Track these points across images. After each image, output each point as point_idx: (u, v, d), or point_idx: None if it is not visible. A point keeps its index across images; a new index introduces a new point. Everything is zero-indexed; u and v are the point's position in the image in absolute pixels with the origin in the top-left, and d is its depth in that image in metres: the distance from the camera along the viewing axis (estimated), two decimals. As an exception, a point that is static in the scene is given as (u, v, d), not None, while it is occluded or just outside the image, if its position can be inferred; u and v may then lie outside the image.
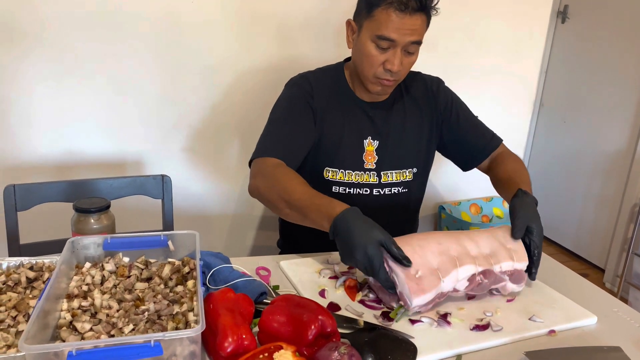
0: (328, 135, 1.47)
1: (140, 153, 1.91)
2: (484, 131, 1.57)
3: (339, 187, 1.49)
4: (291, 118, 1.43)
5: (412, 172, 1.53)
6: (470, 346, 1.01)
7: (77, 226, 1.17)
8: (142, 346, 0.78)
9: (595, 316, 1.12)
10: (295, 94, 1.46)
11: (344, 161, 1.47)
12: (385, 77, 1.36)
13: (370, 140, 1.48)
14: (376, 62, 1.34)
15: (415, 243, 1.11)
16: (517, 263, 1.15)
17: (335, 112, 1.47)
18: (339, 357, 0.86)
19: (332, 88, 1.48)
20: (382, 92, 1.43)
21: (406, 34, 1.29)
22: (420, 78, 1.56)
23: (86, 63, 1.78)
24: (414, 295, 1.04)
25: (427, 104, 1.53)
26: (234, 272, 1.14)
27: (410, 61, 1.37)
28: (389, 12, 1.28)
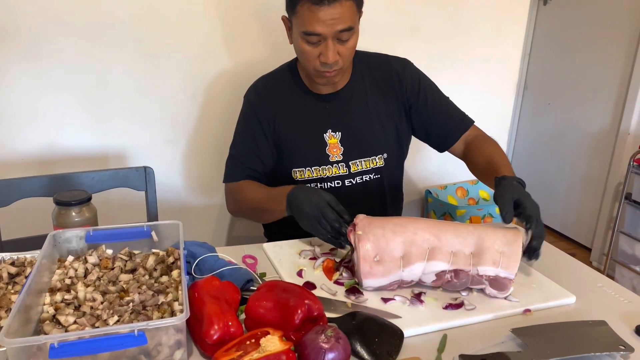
0: (286, 137, 1.47)
1: (123, 146, 1.89)
2: (453, 112, 1.54)
3: (309, 185, 1.48)
4: (247, 140, 1.49)
5: (383, 157, 1.51)
6: (440, 324, 1.01)
7: (59, 220, 1.15)
8: (126, 336, 0.78)
9: (574, 296, 1.12)
10: (246, 113, 1.51)
11: (307, 159, 1.47)
12: (325, 70, 1.34)
13: (332, 133, 1.47)
14: (311, 57, 1.33)
15: (389, 227, 1.12)
16: (501, 270, 1.09)
17: (289, 114, 1.47)
18: (326, 340, 0.86)
19: (283, 90, 1.47)
20: (328, 82, 1.41)
21: (330, 24, 1.26)
22: (385, 61, 1.53)
23: (65, 57, 1.75)
24: (364, 277, 1.10)
25: (392, 87, 1.50)
26: (220, 260, 1.14)
27: (348, 47, 1.33)
28: (308, 7, 1.25)
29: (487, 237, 1.12)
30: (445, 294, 1.12)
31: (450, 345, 0.96)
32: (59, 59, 1.74)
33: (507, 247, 1.11)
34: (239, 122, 1.53)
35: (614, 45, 2.84)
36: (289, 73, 1.50)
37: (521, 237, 1.13)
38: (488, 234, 1.12)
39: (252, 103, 1.49)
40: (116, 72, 1.82)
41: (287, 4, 1.33)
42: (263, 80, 1.53)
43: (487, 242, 1.11)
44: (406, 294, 1.11)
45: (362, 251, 1.10)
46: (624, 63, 2.79)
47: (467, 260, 1.10)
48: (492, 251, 1.10)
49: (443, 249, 1.11)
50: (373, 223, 1.13)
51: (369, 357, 0.91)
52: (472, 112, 1.54)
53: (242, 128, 1.51)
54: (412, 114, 1.52)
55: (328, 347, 0.86)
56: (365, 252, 1.10)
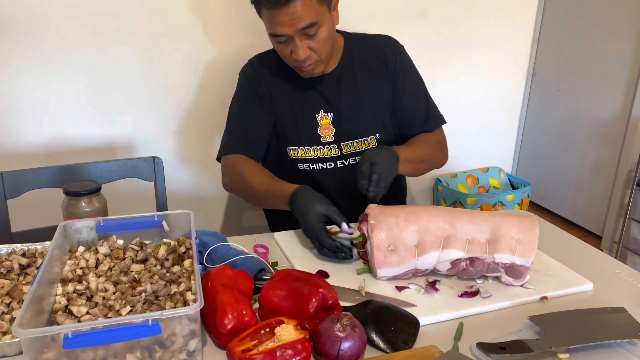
0: (282, 115, 1.47)
1: (131, 137, 1.88)
2: (422, 111, 1.52)
3: (303, 165, 1.49)
4: (244, 111, 1.47)
5: (375, 138, 1.49)
6: (456, 312, 1.00)
7: (69, 210, 1.14)
8: (140, 326, 0.77)
9: (591, 283, 1.11)
10: (243, 86, 1.49)
11: (301, 138, 1.47)
12: (301, 65, 1.34)
13: (323, 114, 1.46)
14: (285, 54, 1.34)
15: (402, 216, 1.10)
16: (517, 257, 1.07)
17: (285, 92, 1.46)
18: (341, 329, 0.85)
19: (279, 68, 1.45)
20: (310, 74, 1.40)
21: (291, 24, 1.25)
22: (374, 42, 1.51)
23: (70, 49, 1.73)
24: (378, 267, 1.08)
25: (381, 68, 1.49)
26: (232, 250, 1.12)
27: (318, 41, 1.31)
28: (266, 12, 1.26)
29: (502, 224, 1.10)
30: (460, 282, 1.10)
31: (466, 334, 0.95)
32: (64, 50, 1.73)
33: (523, 234, 1.09)
34: (234, 98, 1.52)
35: (624, 30, 2.80)
36: None
37: (537, 225, 1.11)
38: (503, 221, 1.10)
39: (249, 77, 1.48)
40: (122, 61, 1.80)
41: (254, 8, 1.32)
42: (258, 57, 1.53)
43: (502, 229, 1.09)
44: (421, 282, 1.10)
45: (376, 240, 1.08)
46: (634, 48, 2.75)
47: (482, 247, 1.08)
48: (508, 238, 1.08)
49: (458, 236, 1.09)
50: (385, 212, 1.11)
51: (384, 345, 0.90)
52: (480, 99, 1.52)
53: (239, 102, 1.50)
54: (394, 96, 1.51)
55: (344, 336, 0.84)
56: (379, 241, 1.08)
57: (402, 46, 1.53)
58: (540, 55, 3.37)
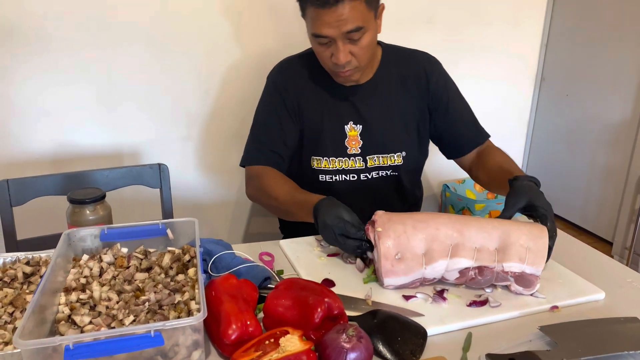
0: (309, 123, 1.44)
1: (137, 144, 1.88)
2: (471, 124, 1.51)
3: (325, 176, 1.46)
4: (271, 121, 1.44)
5: (402, 155, 1.46)
6: (464, 322, 0.98)
7: (73, 218, 1.13)
8: (142, 337, 0.75)
9: (603, 292, 1.08)
10: (271, 93, 1.46)
11: (326, 148, 1.44)
12: (339, 70, 1.31)
13: (353, 125, 1.43)
14: (324, 57, 1.31)
15: (410, 223, 1.08)
16: (527, 266, 1.04)
17: (313, 100, 1.43)
18: (348, 340, 0.83)
19: (309, 75, 1.43)
20: (346, 81, 1.38)
21: (337, 26, 1.22)
22: (413, 57, 1.49)
23: (78, 55, 1.74)
24: (385, 275, 1.06)
25: (418, 85, 1.46)
26: (237, 258, 1.11)
27: (361, 47, 1.28)
28: (313, 10, 1.22)
29: (512, 232, 1.07)
30: (469, 291, 1.08)
31: (475, 344, 0.93)
32: (71, 57, 1.73)
33: (533, 242, 1.07)
34: (261, 103, 1.48)
35: (634, 34, 2.77)
36: (315, 58, 1.42)
37: (547, 233, 1.09)
38: (513, 229, 1.08)
39: (277, 83, 1.45)
40: (128, 69, 1.80)
41: (299, 6, 1.29)
42: (289, 62, 1.49)
43: (512, 238, 1.07)
44: (428, 291, 1.08)
45: (383, 249, 1.06)
46: (645, 52, 2.72)
47: (491, 256, 1.06)
48: (518, 246, 1.06)
49: (466, 244, 1.07)
50: (393, 219, 1.10)
51: (391, 356, 0.88)
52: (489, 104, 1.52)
53: (266, 109, 1.46)
54: (432, 116, 1.49)
55: (350, 346, 0.83)
56: (386, 249, 1.06)
57: (440, 63, 1.51)
58: (549, 60, 3.34)
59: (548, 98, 3.36)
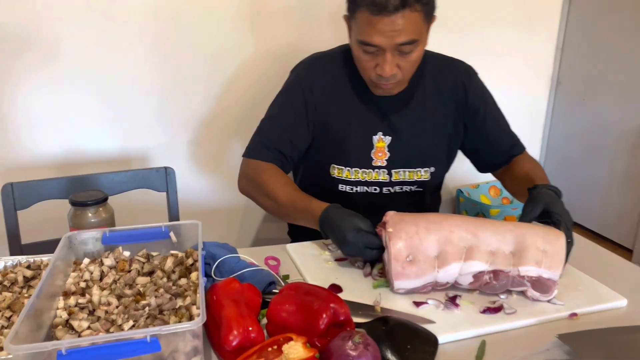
0: (333, 129, 1.34)
1: (144, 148, 1.86)
2: (508, 137, 1.43)
3: (345, 186, 1.37)
4: (284, 117, 1.34)
5: (429, 171, 1.38)
6: (478, 330, 0.93)
7: (74, 221, 1.11)
8: (138, 342, 0.72)
9: (625, 299, 1.03)
10: (292, 89, 1.35)
11: (350, 158, 1.35)
12: (381, 82, 1.22)
13: (381, 137, 1.34)
14: (367, 66, 1.22)
15: (422, 224, 1.04)
16: (544, 270, 0.99)
17: (342, 105, 1.33)
18: (354, 347, 0.79)
19: (340, 77, 1.33)
20: (385, 93, 1.29)
21: (390, 36, 1.13)
22: (450, 66, 1.39)
23: (85, 60, 1.73)
24: (395, 278, 1.02)
25: (454, 98, 1.37)
26: (241, 262, 1.08)
27: (410, 60, 1.20)
28: (367, 15, 1.12)
29: (527, 235, 1.03)
30: (482, 297, 1.04)
31: (489, 353, 0.88)
32: (78, 62, 1.73)
33: (550, 245, 1.02)
34: (280, 97, 1.38)
35: (654, 35, 2.71)
36: (348, 60, 1.32)
37: (564, 235, 1.04)
38: (528, 231, 1.04)
39: (302, 81, 1.34)
40: (135, 73, 1.79)
41: (348, 6, 1.20)
42: (319, 60, 1.37)
43: (527, 240, 1.02)
44: (440, 297, 1.03)
45: (394, 250, 1.02)
46: (664, 54, 2.65)
47: (507, 259, 1.02)
48: (534, 250, 1.01)
49: (481, 247, 1.02)
50: (405, 219, 1.05)
51: (401, 365, 0.84)
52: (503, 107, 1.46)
53: (283, 104, 1.36)
54: (467, 130, 1.41)
55: (356, 354, 0.79)
56: (397, 251, 1.02)
57: (477, 73, 1.43)
58: (565, 64, 3.27)
59: (564, 102, 3.30)
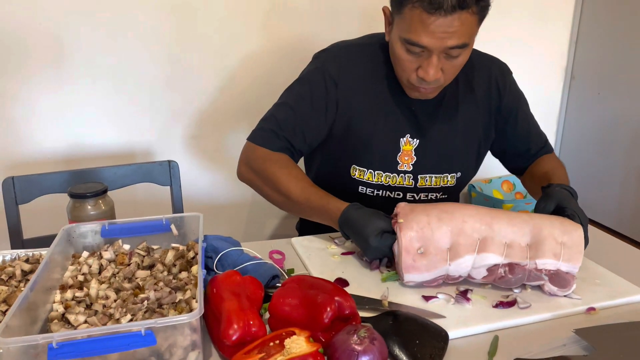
0: (357, 128, 1.25)
1: (149, 143, 1.84)
2: (538, 138, 1.37)
3: (365, 188, 1.30)
4: (301, 107, 1.23)
5: (455, 177, 1.31)
6: (490, 325, 0.89)
7: (73, 213, 1.09)
8: (132, 335, 0.69)
9: None
10: (314, 78, 1.24)
11: (374, 160, 1.26)
12: (422, 85, 1.14)
13: (409, 139, 1.25)
14: (408, 67, 1.12)
15: (434, 214, 0.99)
16: (562, 263, 0.95)
17: (369, 103, 1.24)
18: (359, 342, 0.76)
19: (369, 71, 1.23)
20: (422, 97, 1.20)
21: (441, 38, 1.04)
22: (484, 64, 1.30)
23: (88, 54, 1.71)
24: (406, 271, 0.98)
25: (488, 100, 1.29)
26: (244, 255, 1.04)
27: (455, 65, 1.12)
28: (418, 13, 1.03)
29: (544, 226, 0.98)
30: (495, 291, 0.99)
31: (502, 349, 0.84)
32: (82, 57, 1.71)
33: (568, 236, 0.97)
34: (299, 84, 1.27)
35: (671, 27, 2.64)
36: (378, 53, 1.23)
37: (580, 227, 1.00)
38: (545, 222, 0.99)
39: (326, 71, 1.23)
40: (141, 67, 1.77)
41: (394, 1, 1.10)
42: (347, 50, 1.26)
43: (544, 232, 0.97)
44: (450, 291, 0.99)
45: (405, 241, 0.97)
46: (683, 45, 2.58)
47: (523, 252, 0.97)
48: (551, 241, 0.96)
49: (495, 239, 0.97)
50: (416, 210, 1.00)
51: (408, 361, 0.80)
52: None
53: (301, 93, 1.25)
54: (499, 130, 1.33)
55: (361, 349, 0.75)
56: (407, 242, 0.97)
57: (511, 71, 1.35)
58: (579, 58, 3.21)
59: (579, 97, 3.23)
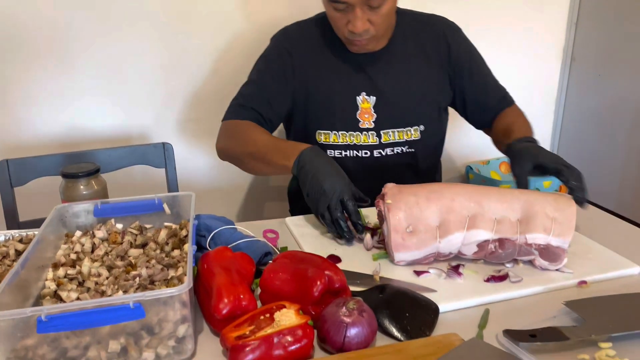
0: (315, 94, 1.34)
1: (145, 127, 1.84)
2: (496, 90, 1.43)
3: (333, 151, 1.36)
4: (262, 79, 1.35)
5: (419, 129, 1.37)
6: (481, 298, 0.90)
7: (66, 193, 1.09)
8: (121, 308, 0.69)
9: (638, 266, 0.98)
10: (270, 54, 1.37)
11: (336, 122, 1.34)
12: (354, 38, 1.23)
13: (365, 97, 1.34)
14: (340, 24, 1.22)
15: (423, 194, 1.00)
16: (553, 238, 0.96)
17: (323, 68, 1.34)
18: (348, 314, 0.76)
19: (319, 41, 1.34)
20: (360, 50, 1.29)
21: None
22: (433, 23, 1.40)
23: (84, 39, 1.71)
24: (395, 250, 0.98)
25: (438, 53, 1.37)
26: (237, 233, 1.05)
27: (381, 14, 1.20)
28: None
29: (535, 201, 0.98)
30: (487, 266, 1.00)
31: (493, 321, 0.84)
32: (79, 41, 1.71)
33: (559, 212, 0.97)
34: (258, 62, 1.39)
35: (672, 6, 2.61)
36: (326, 24, 1.33)
37: (574, 203, 1.00)
38: (537, 198, 0.99)
39: (279, 46, 1.36)
40: (137, 50, 1.76)
41: None
42: (297, 26, 1.39)
43: (536, 207, 0.98)
44: (442, 267, 0.99)
45: (393, 221, 0.98)
46: (683, 24, 2.56)
47: (513, 227, 0.97)
48: (542, 216, 0.97)
49: (485, 215, 0.98)
50: (404, 191, 1.02)
51: (399, 333, 0.80)
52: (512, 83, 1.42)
53: (261, 69, 1.37)
54: (455, 85, 1.40)
55: (350, 321, 0.75)
56: (396, 222, 0.98)
57: (460, 28, 1.42)
58: (579, 40, 3.18)
59: (579, 79, 3.21)
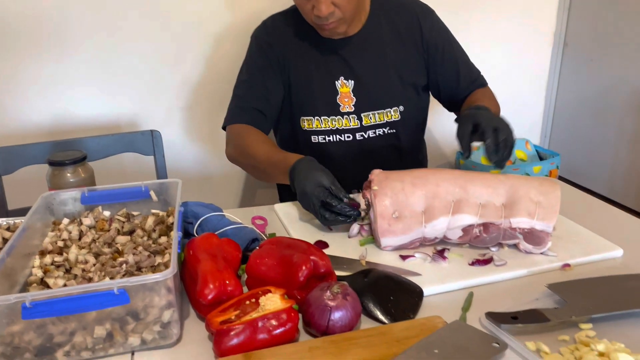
0: (296, 82, 1.36)
1: (135, 115, 1.83)
2: (468, 71, 1.44)
3: (317, 137, 1.38)
4: (253, 79, 1.37)
5: (399, 110, 1.38)
6: (465, 281, 0.91)
7: (53, 181, 1.09)
8: (105, 294, 0.70)
9: (621, 249, 0.99)
10: (253, 49, 1.40)
11: (317, 107, 1.36)
12: (322, 23, 1.23)
13: (344, 81, 1.35)
14: (306, 9, 1.24)
15: (408, 180, 1.01)
16: (537, 222, 0.96)
17: (301, 56, 1.36)
18: (332, 298, 0.77)
19: (295, 31, 1.36)
20: (332, 34, 1.30)
21: None
22: (406, 6, 1.40)
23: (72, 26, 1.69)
24: (382, 235, 0.99)
25: (412, 35, 1.38)
26: (224, 220, 1.05)
27: None
28: None
29: (520, 186, 0.99)
30: (472, 250, 1.01)
31: (476, 304, 0.85)
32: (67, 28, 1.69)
33: (544, 196, 0.98)
34: (245, 62, 1.42)
35: (664, -10, 2.61)
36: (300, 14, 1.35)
37: (559, 187, 1.00)
38: (521, 182, 1.00)
39: (260, 41, 1.39)
40: (125, 37, 1.75)
41: None
42: (273, 19, 1.42)
43: (520, 192, 0.99)
44: (427, 251, 1.00)
45: (380, 208, 0.99)
46: (675, 9, 2.56)
47: (497, 212, 0.98)
48: (527, 201, 0.97)
49: (470, 200, 0.99)
50: (390, 177, 1.02)
51: (383, 316, 0.81)
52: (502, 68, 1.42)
53: (249, 67, 1.40)
54: (429, 66, 1.41)
55: (334, 305, 0.76)
56: (382, 208, 0.99)
57: (433, 10, 1.43)
58: (572, 25, 3.18)
59: (571, 64, 3.21)
